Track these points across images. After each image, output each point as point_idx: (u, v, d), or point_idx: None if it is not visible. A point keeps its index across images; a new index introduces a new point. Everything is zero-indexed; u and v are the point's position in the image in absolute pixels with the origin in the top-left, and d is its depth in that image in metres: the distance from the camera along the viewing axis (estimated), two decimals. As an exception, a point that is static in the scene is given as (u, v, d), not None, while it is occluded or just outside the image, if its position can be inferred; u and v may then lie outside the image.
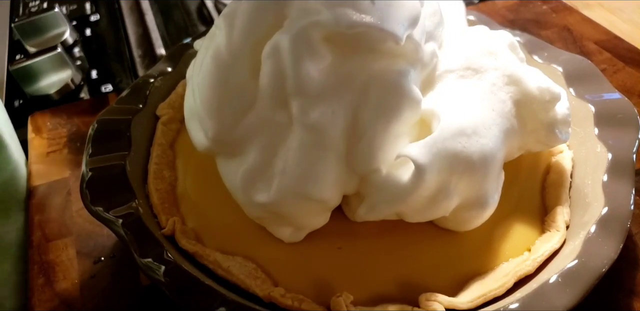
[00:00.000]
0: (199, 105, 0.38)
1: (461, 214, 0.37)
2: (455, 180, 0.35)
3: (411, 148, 0.34)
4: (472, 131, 0.34)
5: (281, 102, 0.35)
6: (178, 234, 0.39)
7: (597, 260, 0.34)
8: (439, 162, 0.33)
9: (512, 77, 0.38)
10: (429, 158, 0.33)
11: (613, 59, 0.58)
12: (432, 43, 0.38)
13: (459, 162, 0.34)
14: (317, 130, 0.34)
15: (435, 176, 0.34)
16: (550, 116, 0.39)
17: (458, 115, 0.35)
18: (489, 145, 0.35)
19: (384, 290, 0.36)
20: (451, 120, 0.35)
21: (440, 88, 0.37)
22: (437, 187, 0.34)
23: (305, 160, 0.34)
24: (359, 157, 0.35)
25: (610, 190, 0.38)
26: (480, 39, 0.39)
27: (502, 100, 0.37)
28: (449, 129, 0.34)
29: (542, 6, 0.67)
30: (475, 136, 0.34)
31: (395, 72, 0.35)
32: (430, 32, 0.38)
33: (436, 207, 0.35)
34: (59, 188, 0.50)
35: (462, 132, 0.34)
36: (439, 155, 0.33)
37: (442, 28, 0.39)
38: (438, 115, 0.35)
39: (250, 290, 0.36)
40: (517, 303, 0.33)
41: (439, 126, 0.34)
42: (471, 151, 0.34)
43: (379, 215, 0.36)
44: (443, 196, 0.35)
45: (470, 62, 0.38)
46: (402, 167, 0.35)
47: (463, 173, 0.34)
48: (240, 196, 0.37)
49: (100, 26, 0.76)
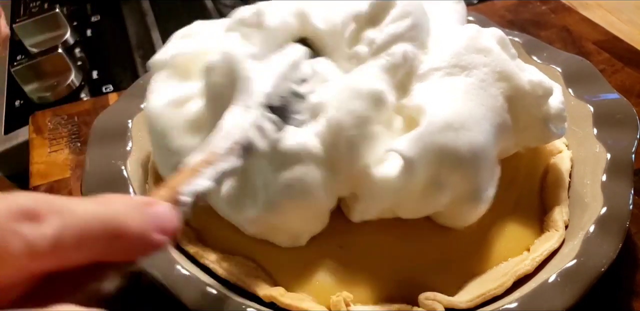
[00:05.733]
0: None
1: (456, 209, 0.37)
2: (445, 174, 0.35)
3: (398, 142, 0.34)
4: (459, 125, 0.35)
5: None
6: (178, 234, 0.39)
7: (596, 259, 0.34)
8: (427, 155, 0.34)
9: (503, 73, 0.38)
10: (416, 151, 0.33)
11: (612, 59, 0.58)
12: (403, 44, 0.38)
13: (448, 155, 0.34)
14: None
15: (425, 169, 0.34)
16: (544, 111, 0.39)
17: (445, 110, 0.35)
18: (479, 139, 0.35)
19: (384, 290, 0.37)
20: (438, 114, 0.35)
21: (426, 86, 0.37)
22: (428, 180, 0.35)
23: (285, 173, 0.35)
24: (343, 159, 0.35)
25: (609, 190, 0.38)
26: (469, 36, 0.39)
27: (492, 96, 0.37)
28: (435, 123, 0.34)
29: (541, 7, 0.67)
30: (463, 130, 0.35)
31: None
32: (398, 34, 0.38)
33: (429, 201, 0.36)
34: (60, 189, 0.50)
35: (449, 125, 0.34)
36: (426, 149, 0.34)
37: (420, 29, 0.39)
38: (424, 110, 0.35)
39: (250, 290, 0.36)
40: (516, 302, 0.33)
41: (425, 120, 0.34)
42: (459, 144, 0.34)
43: (374, 211, 0.36)
44: (435, 189, 0.35)
45: (458, 59, 0.38)
46: (391, 162, 0.35)
47: (453, 166, 0.35)
48: (233, 217, 0.38)
49: (101, 27, 0.76)
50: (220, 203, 0.38)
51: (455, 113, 0.35)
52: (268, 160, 0.35)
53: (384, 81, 0.37)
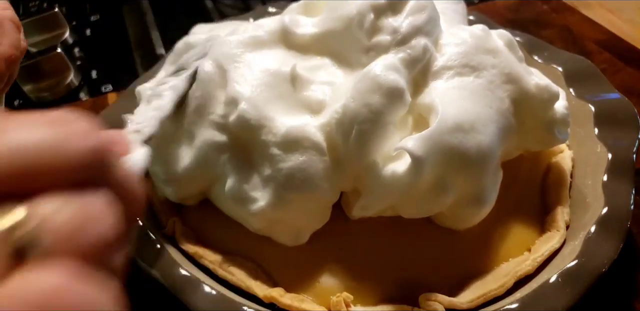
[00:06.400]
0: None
1: (458, 210, 0.37)
2: (452, 175, 0.35)
3: (408, 141, 0.34)
4: (469, 127, 0.35)
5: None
6: (178, 234, 0.39)
7: (597, 260, 0.34)
8: (436, 155, 0.33)
9: (511, 76, 0.38)
10: (426, 151, 0.33)
11: (613, 59, 0.58)
12: (422, 38, 0.38)
13: (456, 156, 0.34)
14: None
15: (432, 169, 0.34)
16: (549, 115, 0.39)
17: (455, 111, 0.35)
18: (486, 142, 0.35)
19: (384, 290, 0.36)
20: (449, 114, 0.35)
21: (438, 84, 0.37)
22: (434, 180, 0.35)
23: (285, 163, 0.35)
24: (351, 152, 0.35)
25: (610, 190, 0.38)
26: (479, 37, 0.39)
27: (499, 98, 0.37)
28: (446, 124, 0.34)
29: (542, 6, 0.67)
30: (473, 132, 0.35)
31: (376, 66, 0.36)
32: (418, 27, 0.38)
33: (433, 201, 0.35)
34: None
35: (459, 127, 0.34)
36: (435, 149, 0.33)
37: (434, 24, 0.39)
38: (436, 109, 0.35)
39: (250, 290, 0.36)
40: (517, 303, 0.33)
41: (436, 120, 0.34)
42: (468, 146, 0.34)
43: (376, 208, 0.36)
44: (440, 190, 0.35)
45: (468, 59, 0.38)
46: (399, 160, 0.35)
47: (460, 168, 0.34)
48: (238, 212, 0.38)
49: (100, 26, 0.75)
50: (224, 199, 0.38)
51: (466, 115, 0.35)
52: (270, 150, 0.35)
53: (404, 77, 0.36)
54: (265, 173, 0.35)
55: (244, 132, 0.36)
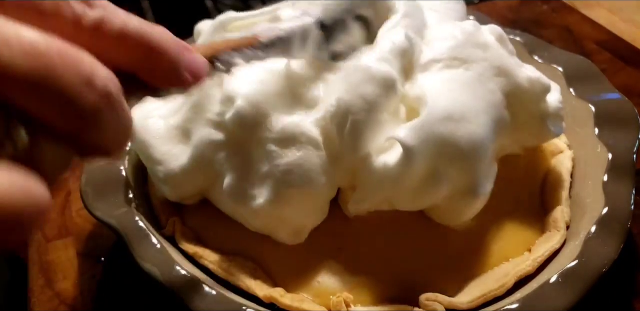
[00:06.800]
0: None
1: (453, 203, 0.37)
2: (444, 165, 0.35)
3: (399, 130, 0.34)
4: (459, 116, 0.35)
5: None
6: (178, 234, 0.39)
7: (597, 260, 0.34)
8: (427, 145, 0.34)
9: (501, 69, 0.38)
10: (417, 140, 0.33)
11: (613, 59, 0.58)
12: (401, 29, 0.38)
13: (447, 145, 0.34)
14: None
15: (424, 159, 0.34)
16: (542, 108, 0.39)
17: (445, 101, 0.35)
18: (478, 132, 0.35)
19: (384, 291, 0.36)
20: (438, 104, 0.35)
21: (427, 76, 0.37)
22: (427, 171, 0.35)
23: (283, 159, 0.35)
24: (346, 144, 0.35)
25: (610, 190, 0.38)
26: (468, 31, 0.39)
27: (490, 90, 0.37)
28: (436, 113, 0.34)
29: (542, 6, 0.67)
30: (463, 121, 0.35)
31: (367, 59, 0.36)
32: (394, 23, 0.38)
33: (426, 192, 0.35)
34: (58, 189, 0.50)
35: (449, 116, 0.34)
36: (426, 138, 0.34)
37: (420, 17, 0.40)
38: (425, 100, 0.35)
39: (250, 290, 0.36)
40: (517, 303, 0.33)
41: (426, 109, 0.34)
42: (458, 136, 0.34)
43: (370, 201, 0.36)
44: (433, 181, 0.35)
45: (457, 52, 0.38)
46: (390, 151, 0.35)
47: (452, 158, 0.34)
48: (237, 209, 0.38)
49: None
50: (223, 197, 0.38)
51: (456, 105, 0.35)
52: (267, 147, 0.35)
53: (394, 67, 0.37)
54: (263, 170, 0.35)
55: (241, 129, 0.36)
